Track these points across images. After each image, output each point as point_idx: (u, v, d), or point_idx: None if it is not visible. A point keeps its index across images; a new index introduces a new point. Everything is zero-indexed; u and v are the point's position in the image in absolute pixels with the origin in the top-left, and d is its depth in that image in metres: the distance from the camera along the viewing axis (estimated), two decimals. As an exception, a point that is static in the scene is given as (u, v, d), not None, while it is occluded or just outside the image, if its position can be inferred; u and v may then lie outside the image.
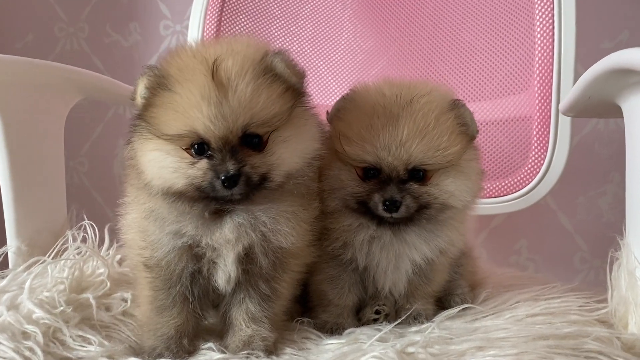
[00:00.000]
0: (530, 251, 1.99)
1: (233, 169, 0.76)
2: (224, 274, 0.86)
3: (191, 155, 0.79)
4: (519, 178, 1.50)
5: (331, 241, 0.98)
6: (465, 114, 0.94)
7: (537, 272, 1.99)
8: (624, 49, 0.79)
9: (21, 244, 1.15)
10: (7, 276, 1.05)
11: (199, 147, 0.78)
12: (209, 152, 0.78)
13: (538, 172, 1.47)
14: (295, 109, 0.83)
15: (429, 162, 0.90)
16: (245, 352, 0.83)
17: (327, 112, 1.01)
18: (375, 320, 1.00)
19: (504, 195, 1.51)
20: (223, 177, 0.76)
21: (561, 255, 1.96)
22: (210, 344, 0.85)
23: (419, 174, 0.92)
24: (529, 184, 1.48)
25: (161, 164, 0.80)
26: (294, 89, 0.83)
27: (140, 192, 0.86)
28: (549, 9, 1.42)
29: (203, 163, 0.78)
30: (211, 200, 0.81)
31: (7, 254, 1.15)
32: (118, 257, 1.18)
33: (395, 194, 0.90)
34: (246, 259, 0.86)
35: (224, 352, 0.84)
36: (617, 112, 0.98)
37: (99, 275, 1.05)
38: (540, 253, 1.99)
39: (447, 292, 1.08)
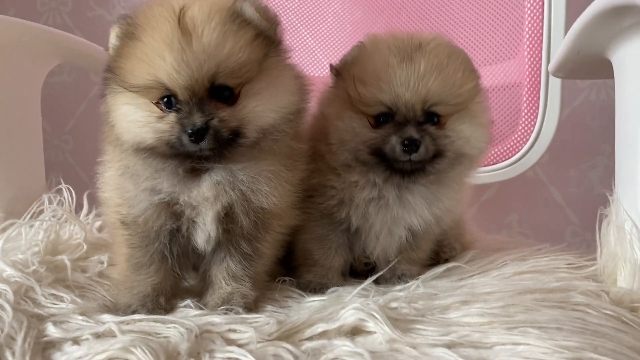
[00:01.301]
0: (521, 225, 1.97)
1: (200, 122, 0.73)
2: (204, 233, 0.84)
3: (161, 109, 0.76)
4: (508, 146, 1.48)
5: (326, 198, 0.95)
6: (468, 57, 0.94)
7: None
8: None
9: (-4, 210, 1.12)
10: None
11: (167, 100, 0.75)
12: (178, 106, 0.75)
13: (528, 139, 1.45)
14: (268, 59, 0.79)
15: (446, 101, 0.88)
16: (223, 308, 0.80)
17: (331, 66, 0.98)
18: (367, 265, 1.01)
19: (493, 164, 1.50)
20: (190, 131, 0.73)
21: (552, 228, 1.95)
22: (187, 301, 0.83)
23: (434, 119, 0.89)
24: (518, 151, 1.47)
25: (130, 118, 0.77)
26: (265, 36, 0.78)
27: (116, 149, 0.84)
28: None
29: (171, 117, 0.75)
30: (184, 157, 0.78)
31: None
32: (97, 223, 1.15)
33: (414, 133, 0.87)
34: (227, 219, 0.83)
35: (201, 309, 0.81)
36: (607, 70, 0.96)
37: (76, 239, 1.02)
38: (531, 227, 1.97)
39: (436, 245, 1.06)
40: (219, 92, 0.75)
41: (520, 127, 1.45)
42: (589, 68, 1.07)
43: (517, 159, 1.47)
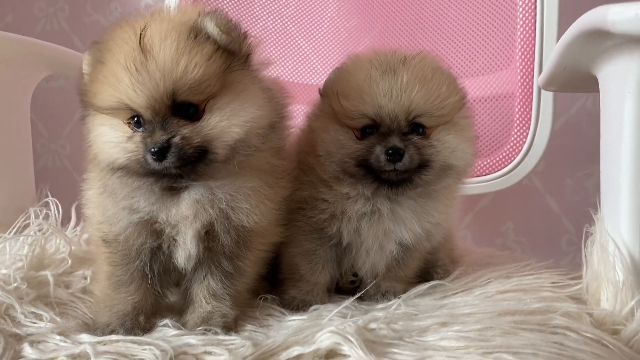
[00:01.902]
0: (516, 233, 1.96)
1: (160, 140, 0.73)
2: (184, 251, 0.84)
3: (132, 129, 0.77)
4: (502, 156, 1.47)
5: (317, 212, 0.95)
6: (453, 75, 0.95)
7: (523, 254, 1.97)
8: (594, 8, 0.76)
9: (-17, 222, 1.13)
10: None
11: (136, 120, 0.76)
12: (146, 125, 0.75)
13: (520, 150, 1.44)
14: (231, 73, 0.78)
15: (430, 112, 0.88)
16: (202, 328, 0.80)
17: (319, 90, 0.99)
18: (352, 283, 1.01)
19: (487, 174, 1.49)
20: (152, 150, 0.73)
21: (548, 237, 1.94)
22: (166, 321, 0.83)
23: (419, 130, 0.89)
24: (511, 162, 1.46)
25: (105, 139, 0.78)
26: (227, 51, 0.77)
27: (96, 168, 0.84)
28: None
29: (137, 136, 0.76)
30: (161, 176, 0.77)
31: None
32: (85, 235, 1.15)
33: (397, 142, 0.87)
34: (207, 237, 0.83)
35: (180, 329, 0.81)
36: (596, 85, 0.95)
37: (61, 253, 1.02)
38: (527, 235, 1.96)
39: (429, 265, 1.06)
40: (183, 108, 0.75)
41: (512, 138, 1.44)
42: (578, 83, 1.06)
43: (510, 170, 1.46)
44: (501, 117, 1.47)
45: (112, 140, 0.77)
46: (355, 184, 0.93)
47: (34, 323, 0.80)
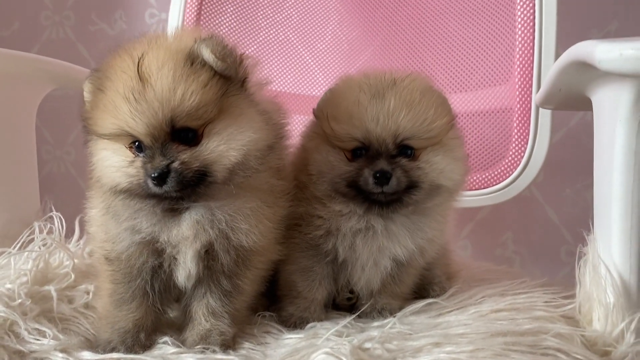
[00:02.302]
0: (516, 244, 1.97)
1: (160, 166, 0.75)
2: (184, 270, 0.86)
3: (133, 153, 0.79)
4: (500, 170, 1.48)
5: (313, 228, 0.97)
6: (444, 97, 0.96)
7: (522, 265, 1.98)
8: (582, 41, 0.78)
9: (-11, 234, 1.15)
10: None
11: (137, 145, 0.78)
12: (147, 151, 0.77)
13: (519, 164, 1.45)
14: (228, 98, 0.79)
15: (418, 135, 0.90)
16: (201, 346, 0.82)
17: (313, 110, 1.01)
18: (349, 300, 1.03)
19: (485, 188, 1.50)
20: (152, 175, 0.75)
21: (547, 248, 1.95)
22: (166, 338, 0.85)
23: (407, 151, 0.91)
24: (509, 176, 1.47)
25: (107, 163, 0.81)
26: (223, 77, 0.79)
27: (98, 189, 0.86)
28: (530, 1, 1.39)
29: (138, 161, 0.78)
30: (162, 198, 0.80)
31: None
32: (88, 249, 1.17)
33: (385, 165, 0.89)
34: (207, 256, 0.85)
35: (179, 347, 0.83)
36: (588, 105, 0.96)
37: (64, 267, 1.05)
38: (526, 246, 1.97)
39: (425, 282, 1.08)
40: (182, 134, 0.77)
41: (511, 152, 1.46)
42: (574, 103, 1.07)
43: (508, 183, 1.47)
44: (500, 131, 1.49)
45: (114, 164, 0.79)
46: (347, 201, 0.95)
47: (37, 340, 0.82)
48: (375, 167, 0.89)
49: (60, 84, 1.28)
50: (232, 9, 1.80)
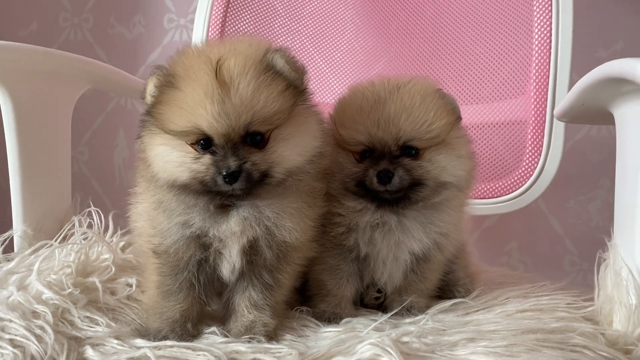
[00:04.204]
0: (520, 253, 2.03)
1: (234, 165, 0.80)
2: (229, 264, 0.90)
3: (196, 150, 0.83)
4: (512, 180, 1.54)
5: (335, 226, 1.02)
6: (448, 97, 1.02)
7: (526, 273, 2.04)
8: (619, 59, 0.83)
9: (27, 228, 1.18)
10: (13, 259, 1.09)
11: (204, 142, 0.82)
12: (213, 148, 0.82)
13: (531, 175, 1.51)
14: (296, 107, 0.86)
15: (419, 137, 0.96)
16: (247, 336, 0.86)
17: (330, 114, 1.06)
18: (377, 299, 1.08)
19: (497, 197, 1.56)
20: (224, 173, 0.80)
21: (551, 257, 2.01)
22: (213, 328, 0.89)
23: (411, 151, 0.98)
24: (521, 186, 1.53)
25: (167, 158, 0.84)
26: (294, 86, 0.86)
27: (149, 184, 0.90)
28: (547, 17, 1.46)
29: (206, 158, 0.82)
30: (215, 194, 0.84)
31: (12, 237, 1.18)
32: (121, 243, 1.21)
33: (387, 165, 0.96)
34: (250, 251, 0.89)
35: (226, 336, 0.87)
36: (609, 119, 1.02)
37: (103, 260, 1.08)
38: (530, 255, 2.03)
39: (449, 283, 1.13)
40: (252, 137, 0.82)
41: (524, 163, 1.52)
42: (593, 116, 1.13)
43: (520, 193, 1.53)
44: (514, 142, 1.54)
45: (175, 159, 0.83)
46: (359, 198, 1.02)
47: (91, 327, 0.86)
48: (378, 167, 0.97)
49: (96, 83, 1.32)
50: (251, 17, 1.85)
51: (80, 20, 2.25)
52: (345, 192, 1.02)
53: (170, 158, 0.83)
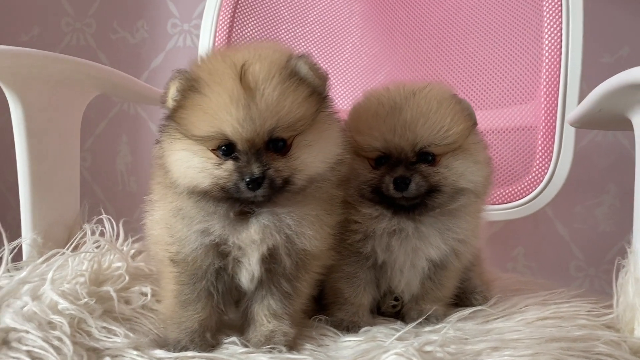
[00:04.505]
0: (527, 258, 2.03)
1: (258, 171, 0.79)
2: (248, 272, 0.89)
3: (217, 156, 0.81)
4: (522, 186, 1.53)
5: (352, 233, 1.01)
6: (464, 103, 1.01)
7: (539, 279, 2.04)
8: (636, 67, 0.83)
9: (37, 236, 1.16)
10: (22, 267, 1.07)
11: (226, 148, 0.81)
12: (235, 154, 0.81)
13: (541, 181, 1.51)
14: (319, 114, 0.85)
15: (435, 143, 0.95)
16: (267, 346, 0.85)
17: (344, 120, 1.05)
18: (394, 307, 1.07)
19: (507, 203, 1.55)
20: (248, 179, 0.79)
21: (557, 263, 2.00)
22: (233, 338, 0.87)
23: (427, 158, 0.97)
24: (531, 192, 1.52)
25: (188, 164, 0.83)
26: (317, 93, 0.85)
27: (167, 191, 0.89)
28: (557, 23, 1.46)
29: (229, 164, 0.81)
30: (235, 201, 0.83)
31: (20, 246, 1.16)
32: (132, 251, 1.19)
33: (403, 172, 0.95)
34: (270, 259, 0.88)
35: (246, 346, 0.86)
36: (624, 125, 1.02)
37: (116, 269, 1.06)
38: (537, 260, 2.03)
39: (466, 291, 1.12)
40: (274, 143, 0.81)
41: (534, 169, 1.51)
42: (607, 122, 1.13)
43: (530, 199, 1.52)
44: (524, 148, 1.54)
45: (197, 165, 0.81)
46: (375, 205, 1.00)
47: (109, 338, 0.84)
48: (395, 174, 0.96)
49: (106, 89, 1.31)
50: (257, 23, 1.84)
51: (83, 25, 2.23)
52: (361, 199, 1.01)
53: (192, 164, 0.82)
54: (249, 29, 1.81)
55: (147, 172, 2.24)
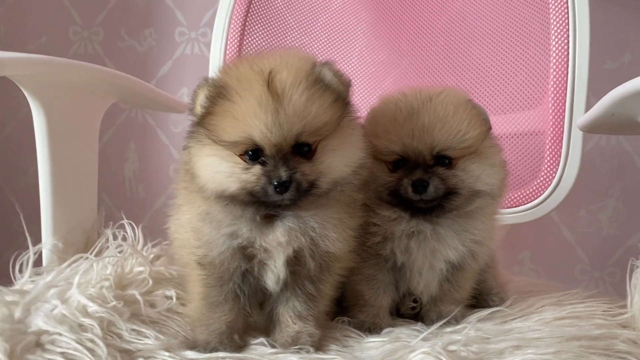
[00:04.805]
0: (532, 262, 2.05)
1: (285, 175, 0.81)
2: (274, 275, 0.91)
3: (245, 161, 0.84)
4: (530, 191, 1.56)
5: (371, 235, 1.03)
6: (480, 108, 1.04)
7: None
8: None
9: (58, 242, 1.17)
10: (43, 273, 1.09)
11: (253, 154, 0.83)
12: (262, 159, 0.83)
13: (549, 185, 1.53)
14: (343, 119, 0.87)
15: (453, 147, 0.98)
16: (294, 347, 0.87)
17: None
18: (412, 309, 1.09)
19: (516, 206, 1.57)
20: (275, 183, 0.81)
21: (562, 266, 2.03)
22: (261, 339, 0.89)
23: (444, 161, 0.99)
24: (539, 196, 1.54)
25: (216, 169, 0.85)
26: (341, 99, 0.87)
27: (194, 196, 0.91)
28: (564, 29, 1.49)
29: (256, 169, 0.83)
30: (261, 205, 0.86)
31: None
32: (151, 256, 1.21)
33: (422, 175, 0.97)
34: (294, 261, 0.90)
35: (274, 347, 0.87)
36: (636, 129, 1.05)
37: (138, 273, 1.08)
38: (543, 264, 2.05)
39: (483, 292, 1.14)
40: (300, 148, 0.84)
41: (542, 173, 1.53)
42: (618, 127, 1.15)
43: (539, 202, 1.54)
44: (531, 153, 1.56)
45: (225, 170, 0.84)
46: (393, 207, 1.03)
47: (139, 340, 0.85)
48: (413, 177, 0.98)
49: (123, 96, 1.33)
50: (265, 32, 1.87)
51: (91, 34, 2.25)
52: (379, 202, 1.03)
53: (221, 168, 0.84)
54: (258, 39, 1.84)
55: (155, 179, 2.28)
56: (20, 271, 1.12)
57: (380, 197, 1.02)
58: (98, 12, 2.25)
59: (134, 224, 1.19)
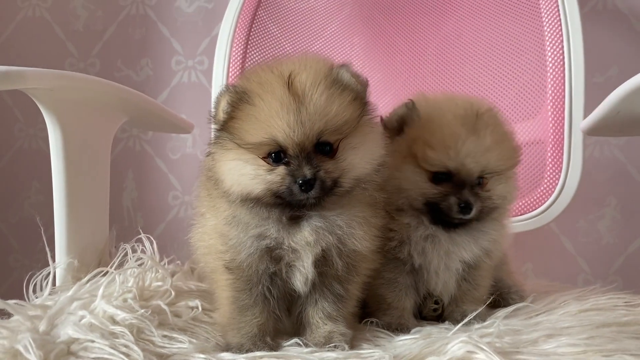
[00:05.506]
0: (536, 274, 2.06)
1: (310, 173, 0.82)
2: (302, 275, 0.91)
3: (268, 163, 0.85)
4: (534, 198, 1.58)
5: (387, 240, 1.04)
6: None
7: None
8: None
9: (73, 260, 1.16)
10: (57, 292, 1.08)
11: (276, 155, 0.84)
12: (286, 159, 0.84)
13: (552, 192, 1.56)
14: (362, 118, 0.89)
15: (498, 170, 1.01)
16: (331, 345, 0.86)
17: (381, 118, 1.08)
18: (435, 311, 1.09)
19: (519, 215, 1.60)
20: (300, 181, 0.82)
21: (565, 276, 2.04)
22: (295, 339, 0.88)
23: (481, 181, 1.02)
24: (543, 204, 1.57)
25: (241, 172, 0.86)
26: (360, 98, 0.89)
27: (218, 201, 0.92)
28: (558, 40, 1.55)
29: (280, 169, 0.84)
30: (286, 206, 0.87)
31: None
32: (170, 267, 1.20)
33: (470, 196, 0.99)
34: (322, 262, 0.91)
35: (309, 346, 0.87)
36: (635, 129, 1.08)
37: (159, 286, 1.07)
38: (545, 275, 2.06)
39: (502, 291, 1.15)
40: (322, 146, 0.85)
41: (544, 182, 1.56)
42: (622, 126, 1.19)
43: (543, 211, 1.57)
44: (533, 162, 1.60)
45: (250, 172, 0.85)
46: (417, 215, 1.04)
47: (172, 344, 0.84)
48: (462, 197, 0.99)
49: (134, 114, 1.33)
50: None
51: (87, 65, 2.27)
52: (405, 208, 1.04)
53: (245, 171, 0.85)
54: (256, 47, 1.87)
55: (154, 207, 2.26)
56: (35, 291, 1.10)
57: (412, 204, 1.03)
58: (94, 44, 2.27)
59: (151, 238, 1.18)
